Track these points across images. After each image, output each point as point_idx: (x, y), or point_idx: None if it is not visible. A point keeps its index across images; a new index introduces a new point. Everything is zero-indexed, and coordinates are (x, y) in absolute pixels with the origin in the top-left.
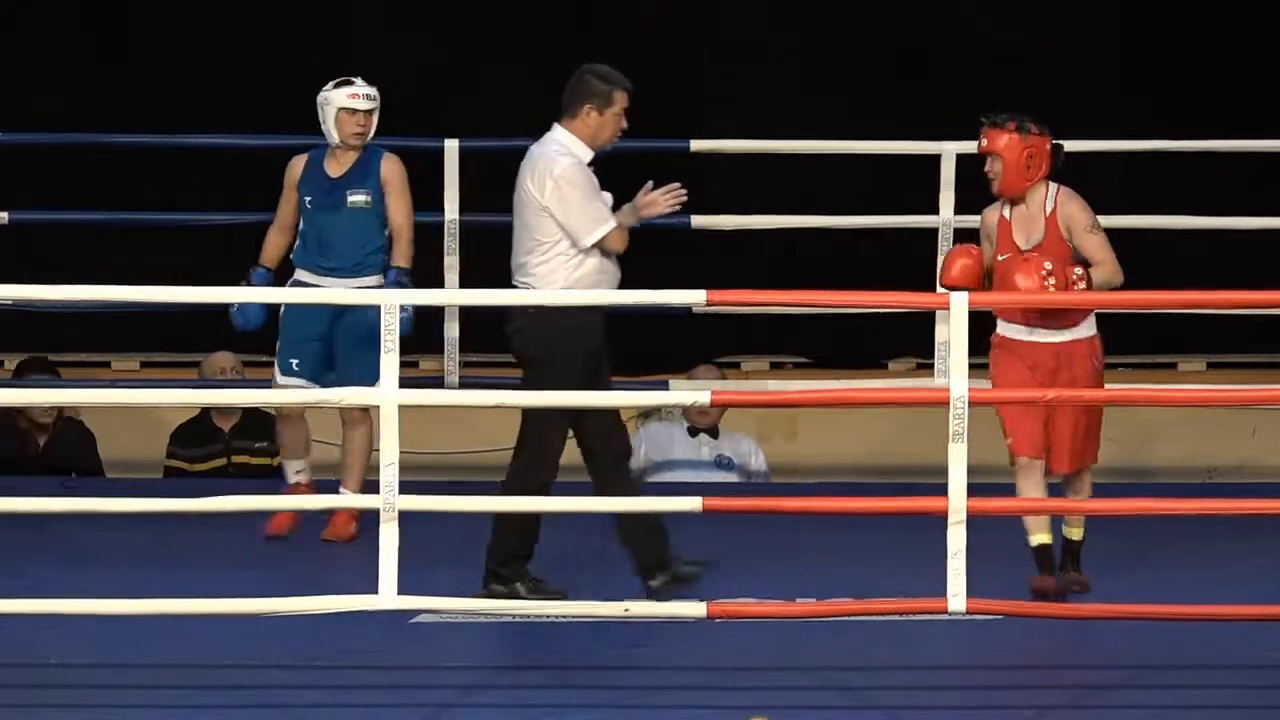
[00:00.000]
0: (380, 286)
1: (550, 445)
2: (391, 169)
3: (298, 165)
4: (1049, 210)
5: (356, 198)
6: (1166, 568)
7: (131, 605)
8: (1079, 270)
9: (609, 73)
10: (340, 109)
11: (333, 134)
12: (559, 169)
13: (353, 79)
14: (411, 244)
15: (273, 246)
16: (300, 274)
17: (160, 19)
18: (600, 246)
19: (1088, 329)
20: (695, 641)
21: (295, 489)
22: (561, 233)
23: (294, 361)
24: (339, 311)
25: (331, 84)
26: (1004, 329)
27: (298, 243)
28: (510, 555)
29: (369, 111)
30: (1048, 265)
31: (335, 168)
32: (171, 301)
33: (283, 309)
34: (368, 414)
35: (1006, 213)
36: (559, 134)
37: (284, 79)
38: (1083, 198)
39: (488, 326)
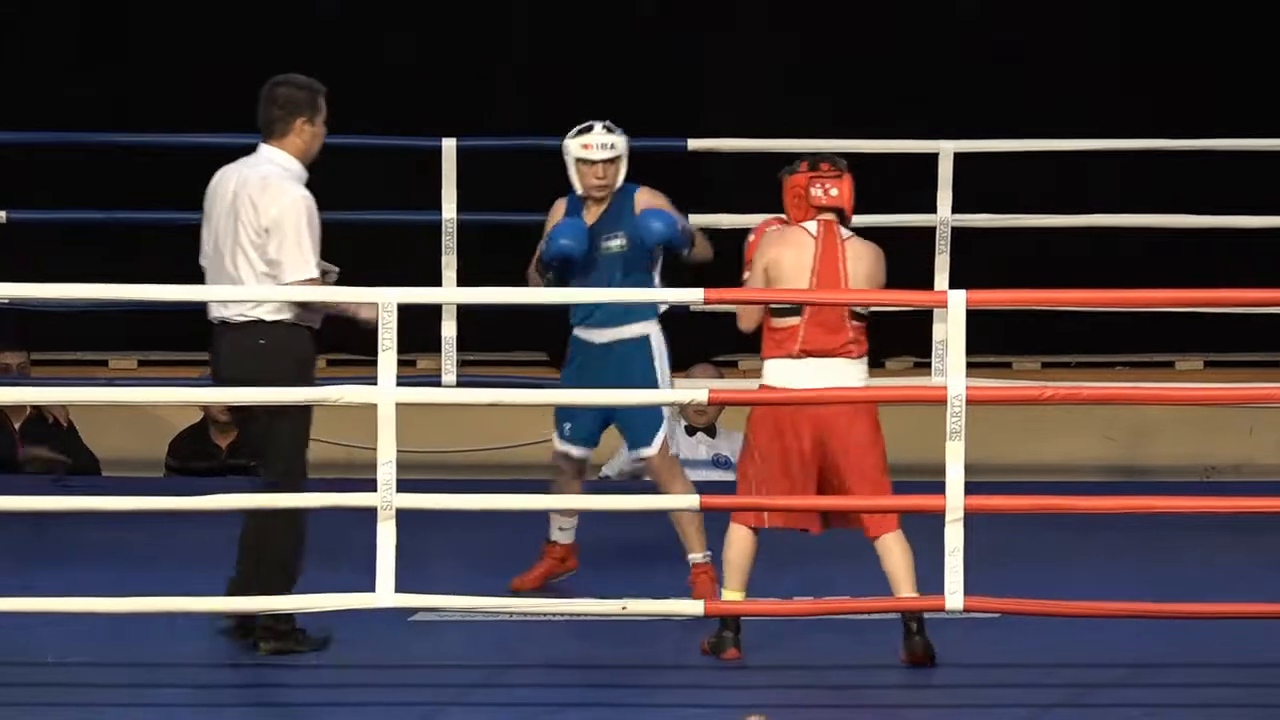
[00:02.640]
0: (645, 336)
1: (303, 453)
2: (645, 201)
3: (559, 209)
4: None
5: (610, 243)
6: (1164, 566)
7: (128, 604)
8: None
9: (309, 80)
10: (577, 159)
11: (575, 184)
12: (289, 196)
13: (593, 125)
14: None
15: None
16: (574, 329)
17: (160, 18)
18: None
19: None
20: (692, 640)
21: (553, 548)
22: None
23: (567, 425)
24: (612, 376)
25: (573, 130)
26: None
27: None
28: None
29: (609, 161)
30: None
31: (590, 214)
32: (170, 300)
33: (563, 376)
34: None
35: None
36: (272, 154)
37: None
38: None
39: (485, 325)
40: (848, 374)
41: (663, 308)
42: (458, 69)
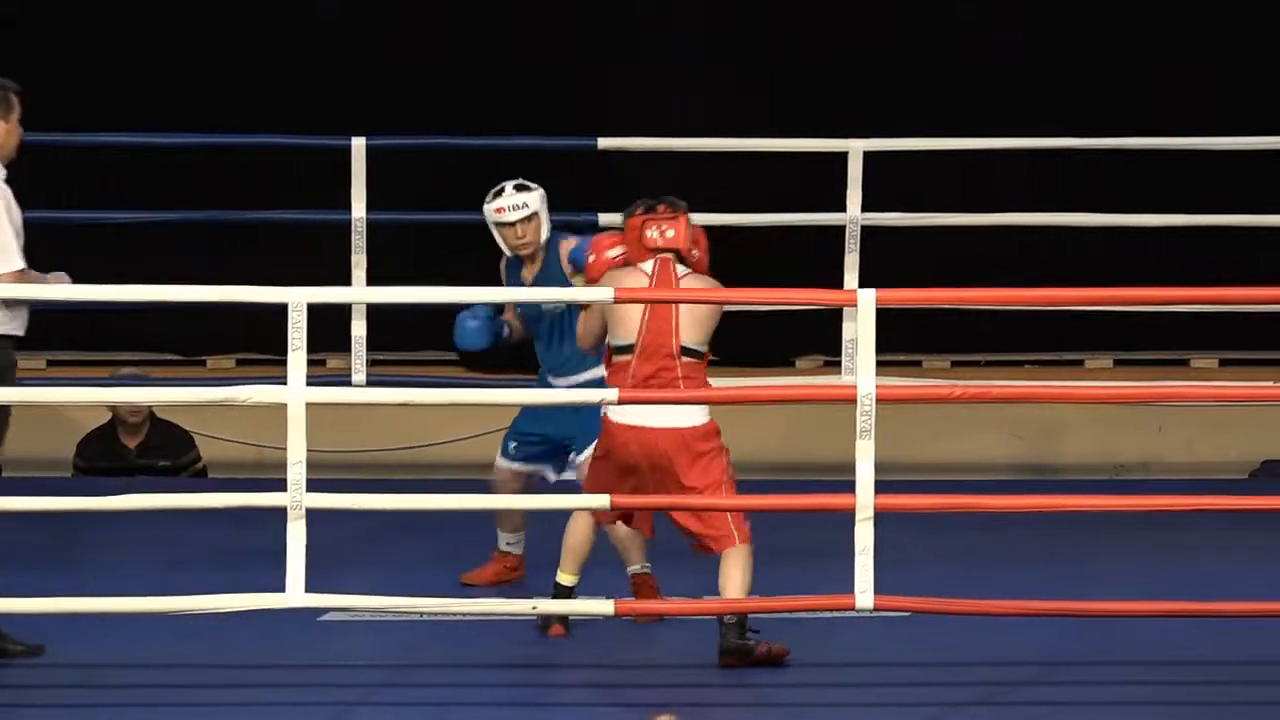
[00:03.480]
0: (601, 378)
1: None
2: (565, 251)
3: (501, 265)
4: None
5: (549, 306)
6: (1074, 564)
7: (36, 604)
8: None
9: (2, 80)
10: (495, 224)
11: (501, 244)
12: None
13: (504, 187)
14: None
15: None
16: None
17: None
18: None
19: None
20: (603, 639)
21: (503, 558)
22: None
23: (512, 445)
24: (569, 413)
25: (489, 194)
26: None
27: (535, 341)
28: None
29: (524, 220)
30: None
31: (528, 270)
32: (81, 300)
33: (522, 409)
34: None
35: None
36: None
37: (233, 77)
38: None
39: (394, 325)
40: (677, 410)
41: None
42: (372, 67)
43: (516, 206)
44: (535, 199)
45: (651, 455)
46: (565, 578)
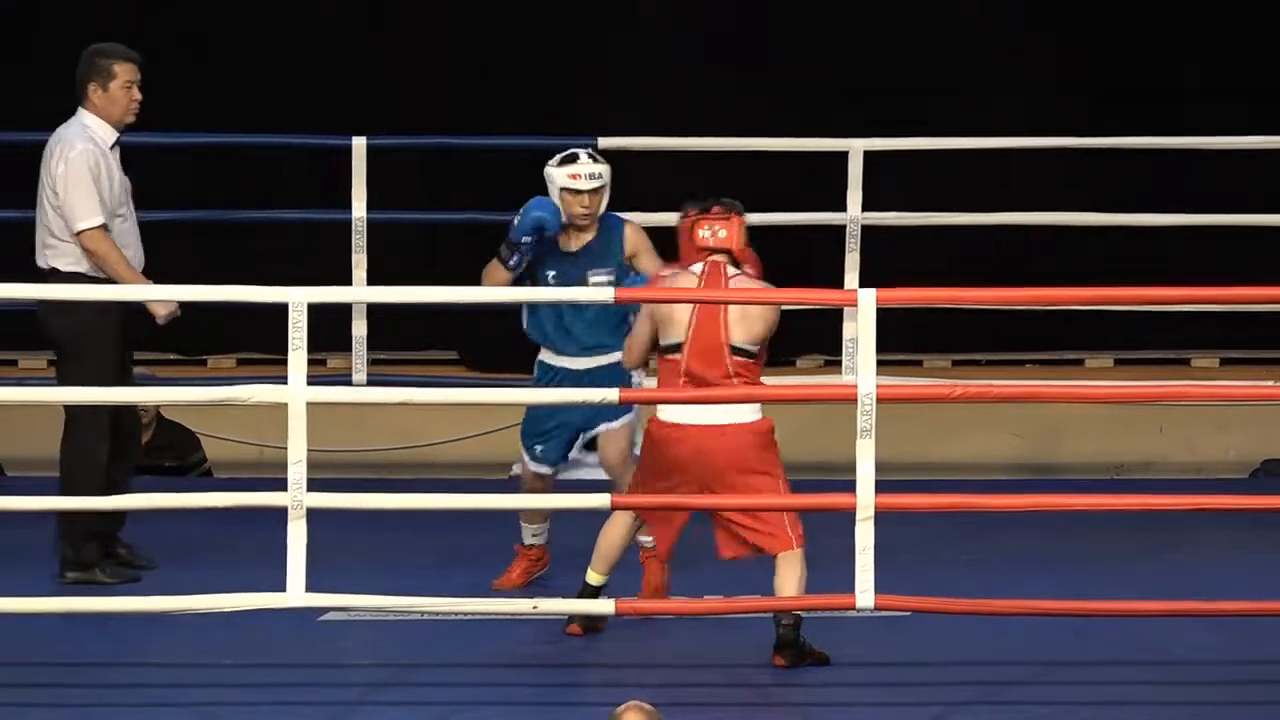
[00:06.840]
0: (616, 364)
1: (100, 419)
2: (634, 239)
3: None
4: None
5: (599, 278)
6: (1074, 564)
7: (37, 603)
8: None
9: (110, 48)
10: (562, 189)
11: (560, 209)
12: (74, 153)
13: (577, 154)
14: None
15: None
16: (543, 353)
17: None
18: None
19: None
20: (603, 638)
21: (528, 551)
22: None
23: (538, 448)
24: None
25: (557, 158)
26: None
27: (530, 316)
28: (86, 537)
29: (594, 191)
30: None
31: (572, 240)
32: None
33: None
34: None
35: None
36: (80, 116)
37: (217, 76)
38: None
39: (395, 325)
40: (732, 407)
41: None
42: (365, 68)
43: (592, 176)
44: (608, 171)
45: (705, 455)
46: (594, 577)
